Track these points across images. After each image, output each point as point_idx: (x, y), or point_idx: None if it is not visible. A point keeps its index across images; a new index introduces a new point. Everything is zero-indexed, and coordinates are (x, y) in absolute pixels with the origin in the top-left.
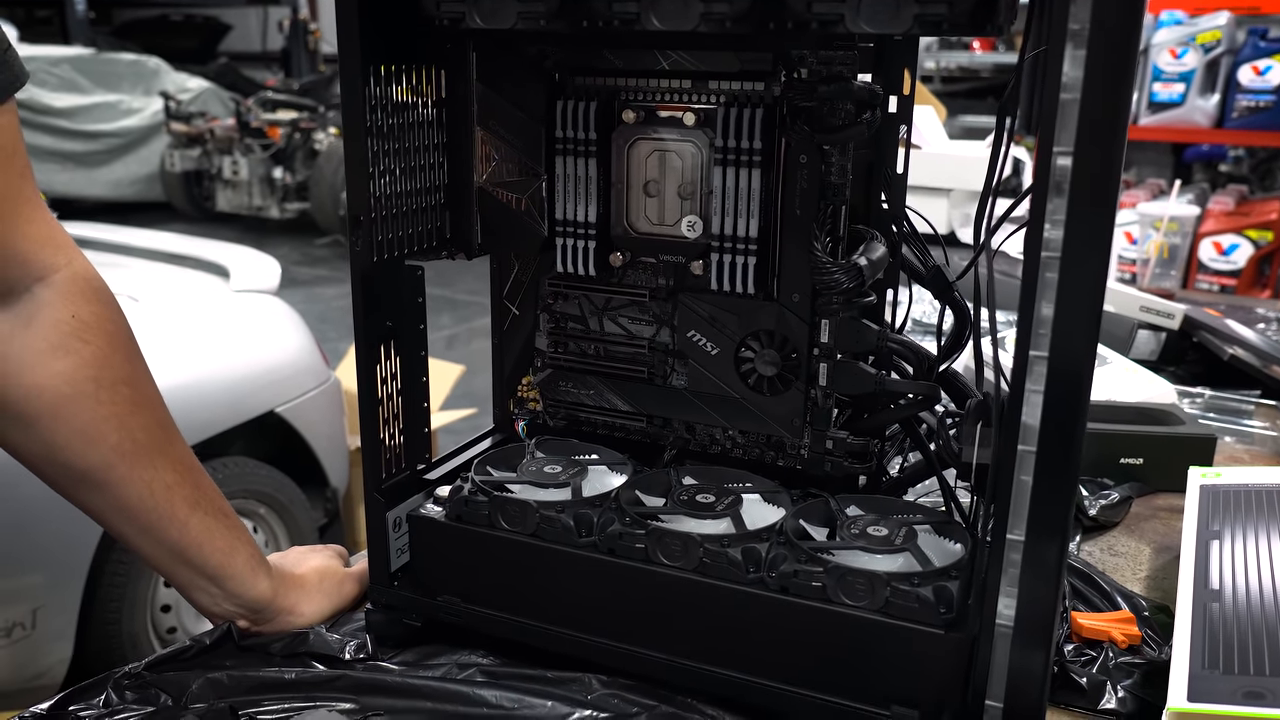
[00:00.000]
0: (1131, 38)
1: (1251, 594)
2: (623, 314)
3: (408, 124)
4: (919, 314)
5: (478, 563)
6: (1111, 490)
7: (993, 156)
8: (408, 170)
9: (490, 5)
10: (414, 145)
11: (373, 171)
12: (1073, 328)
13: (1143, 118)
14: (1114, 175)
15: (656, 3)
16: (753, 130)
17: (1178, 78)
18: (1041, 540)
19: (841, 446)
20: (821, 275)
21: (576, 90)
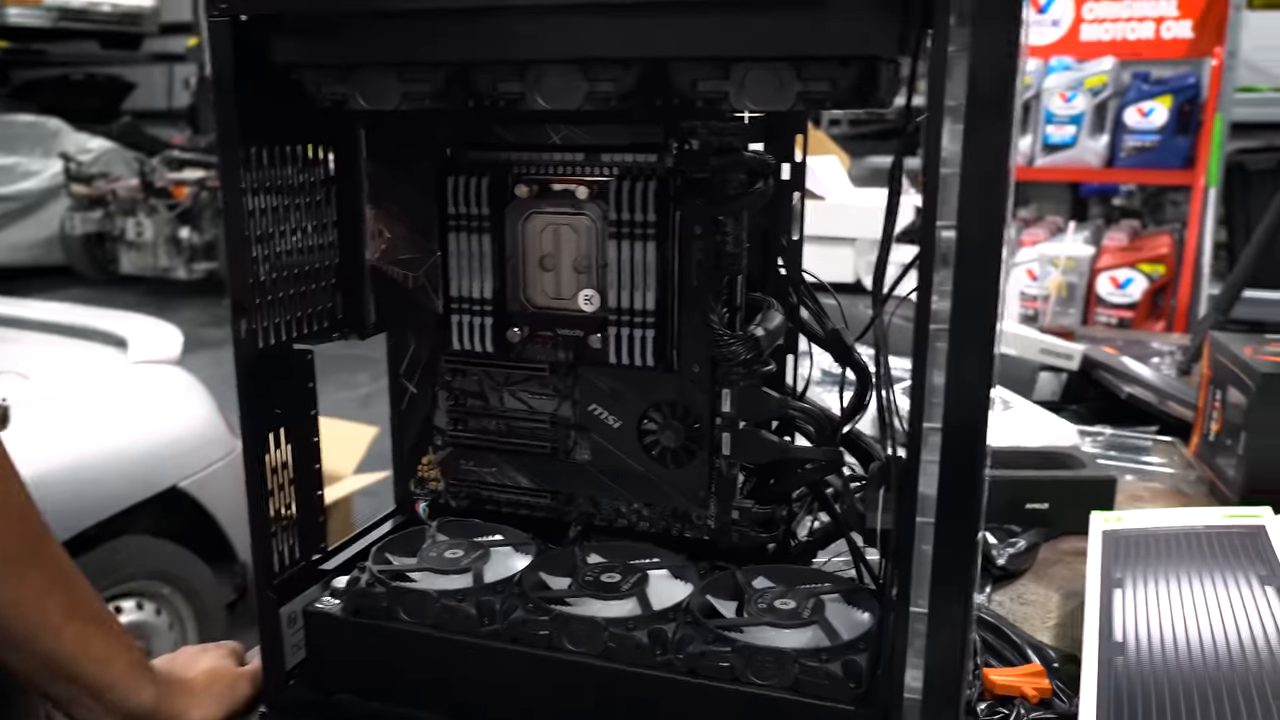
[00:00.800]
0: (1008, 110)
1: (1154, 646)
2: (523, 389)
3: (294, 205)
4: (826, 363)
5: (377, 657)
6: (1018, 538)
7: (887, 219)
8: (295, 251)
9: (374, 87)
10: (301, 225)
11: (255, 255)
12: (965, 396)
13: (1038, 159)
14: (997, 245)
15: (541, 82)
16: (645, 202)
17: (1069, 120)
18: (945, 609)
19: (748, 516)
20: (720, 347)
21: (468, 165)
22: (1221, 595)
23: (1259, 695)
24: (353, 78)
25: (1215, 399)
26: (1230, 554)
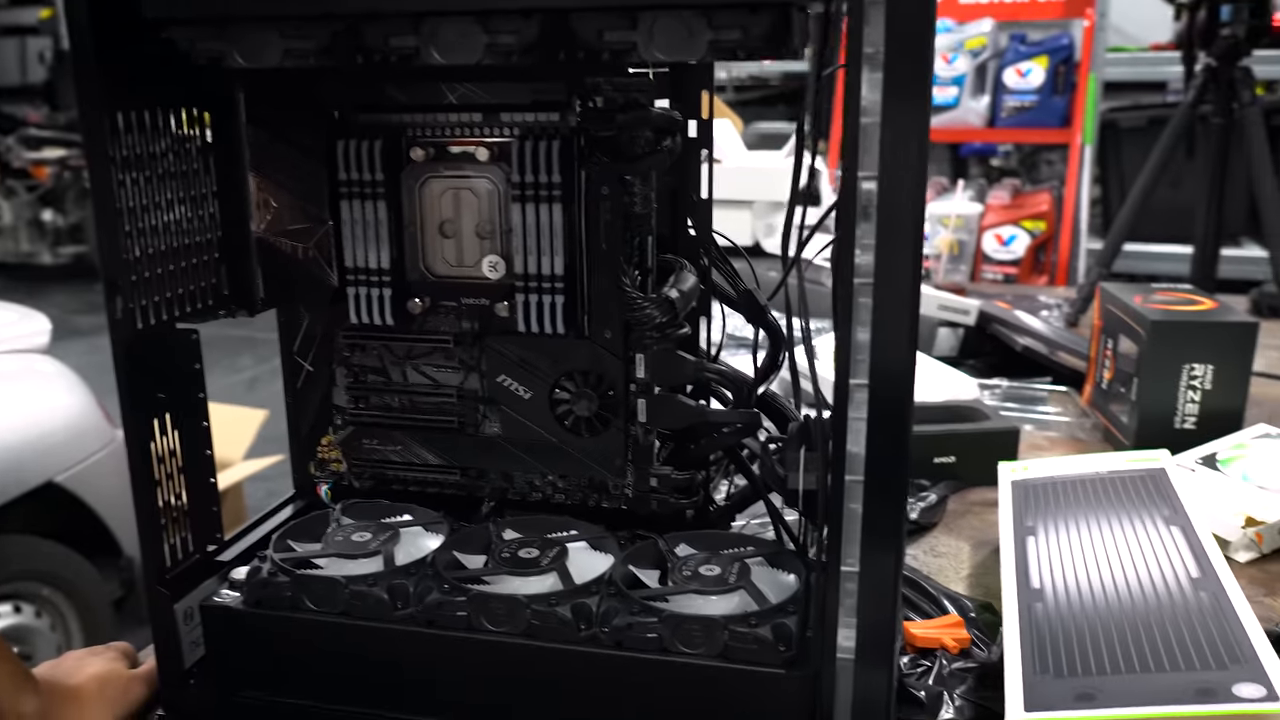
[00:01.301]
0: (926, 57)
1: (1070, 591)
2: (426, 362)
3: (169, 173)
4: (731, 328)
5: (284, 651)
6: (929, 491)
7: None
8: (173, 224)
9: (252, 43)
10: (178, 196)
11: (129, 229)
12: (891, 351)
13: None
14: (921, 195)
15: (437, 35)
16: (550, 163)
17: (951, 81)
18: (876, 568)
19: (666, 483)
20: (633, 311)
21: (359, 128)
22: (1130, 537)
23: (1174, 630)
24: (230, 33)
25: (1107, 348)
26: (1134, 497)
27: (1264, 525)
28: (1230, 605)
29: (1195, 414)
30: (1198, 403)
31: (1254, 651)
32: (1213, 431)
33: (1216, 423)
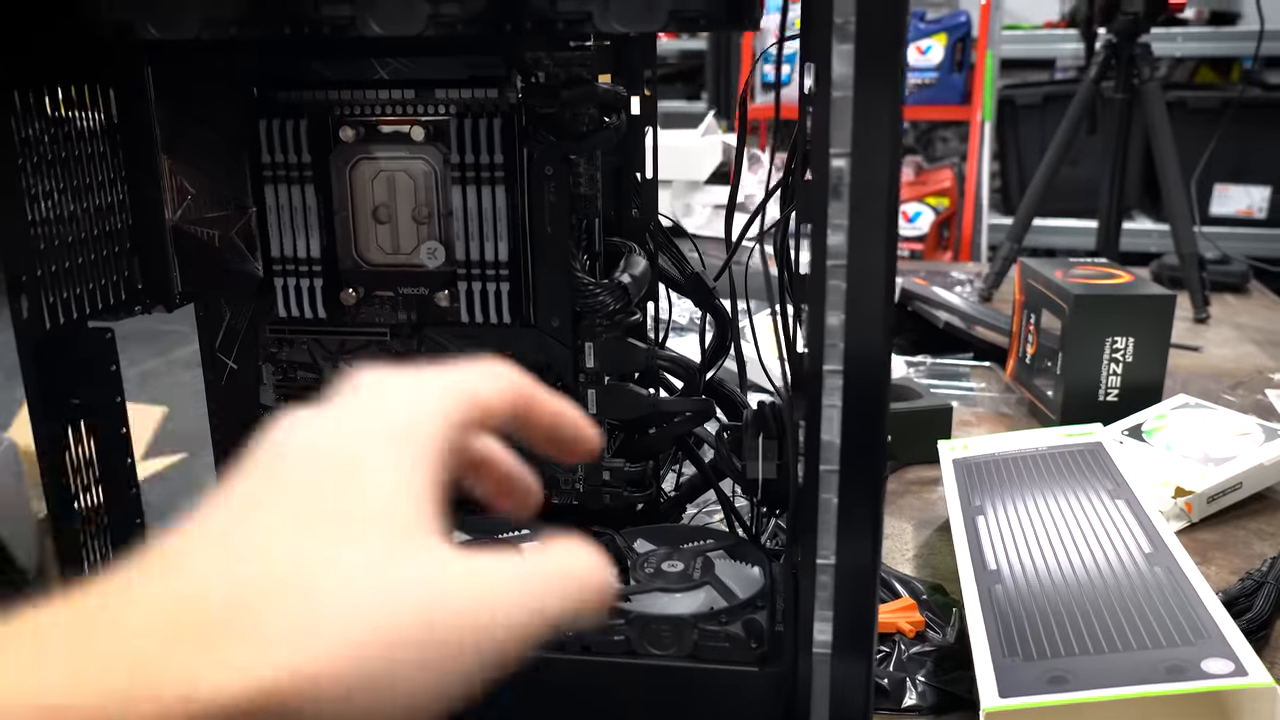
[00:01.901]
0: (900, 27)
1: (1028, 571)
2: (361, 356)
3: (72, 158)
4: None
5: None
6: None
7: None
8: (79, 214)
9: (167, 10)
10: (84, 183)
11: (33, 218)
12: (866, 335)
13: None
14: (895, 173)
15: (375, 3)
16: (491, 142)
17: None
18: (853, 559)
19: (619, 476)
20: (585, 298)
21: (281, 107)
22: (1079, 513)
23: (1135, 608)
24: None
25: (1029, 323)
26: (1076, 471)
27: (1192, 495)
28: (1186, 579)
29: (1118, 386)
30: (1120, 375)
31: (1216, 626)
32: (1135, 403)
33: (1138, 395)
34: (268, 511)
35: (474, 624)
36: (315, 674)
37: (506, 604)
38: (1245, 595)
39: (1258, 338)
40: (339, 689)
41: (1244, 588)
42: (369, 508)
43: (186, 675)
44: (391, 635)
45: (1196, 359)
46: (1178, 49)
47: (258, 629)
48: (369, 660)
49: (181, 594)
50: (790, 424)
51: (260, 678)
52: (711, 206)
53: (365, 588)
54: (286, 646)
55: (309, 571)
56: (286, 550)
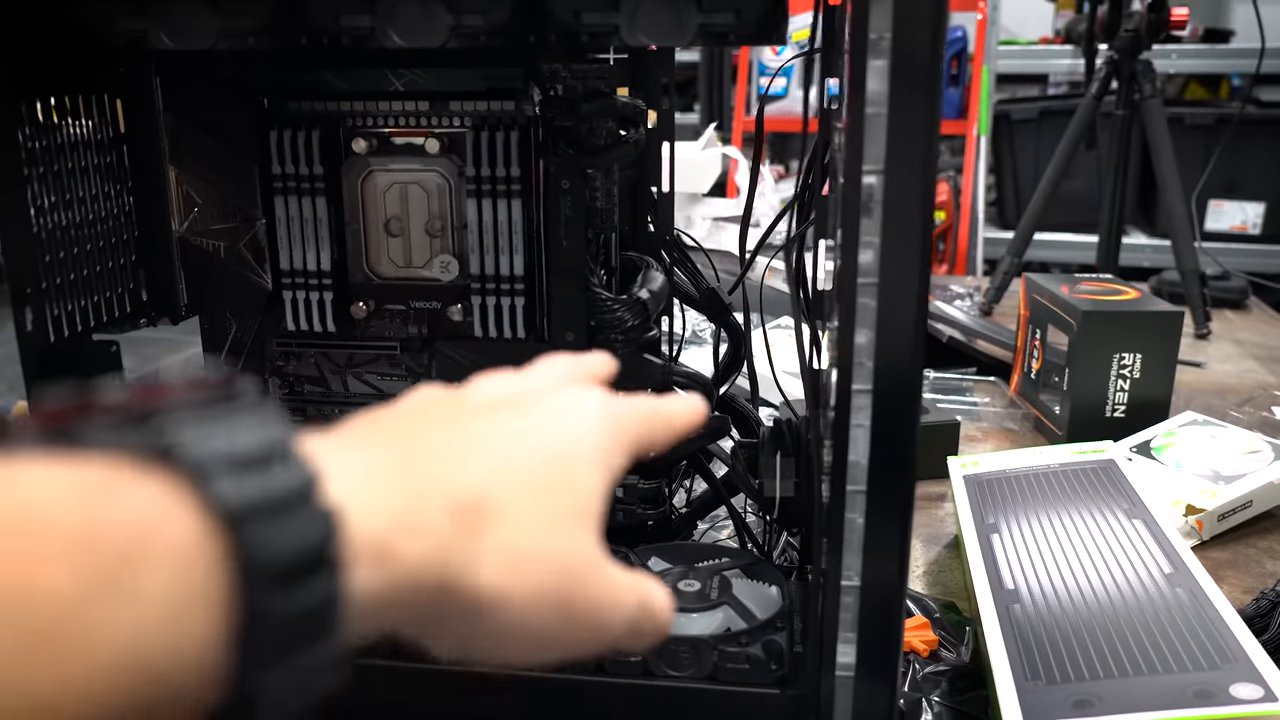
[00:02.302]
0: (938, 43)
1: (1046, 591)
2: (370, 370)
3: (80, 169)
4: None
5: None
6: None
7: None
8: (86, 224)
9: (180, 20)
10: (91, 193)
11: (38, 230)
12: (897, 355)
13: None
14: (930, 190)
15: (396, 15)
16: (508, 155)
17: (780, 72)
18: (879, 580)
19: (633, 492)
20: (603, 314)
21: (292, 118)
22: (1095, 533)
23: (1158, 630)
24: (154, 9)
25: (1035, 338)
26: (1089, 490)
27: (1204, 513)
28: (1209, 601)
29: (1125, 403)
30: (1127, 391)
31: (1243, 650)
32: (1141, 420)
33: (1145, 411)
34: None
35: (589, 623)
36: (487, 592)
37: (617, 620)
38: (1260, 615)
39: (1259, 353)
40: (490, 610)
41: (1259, 607)
42: (586, 503)
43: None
44: (544, 599)
45: (1200, 375)
46: (1172, 65)
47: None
48: (521, 609)
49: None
50: (810, 441)
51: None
52: (711, 219)
53: (563, 561)
54: (496, 565)
55: (545, 531)
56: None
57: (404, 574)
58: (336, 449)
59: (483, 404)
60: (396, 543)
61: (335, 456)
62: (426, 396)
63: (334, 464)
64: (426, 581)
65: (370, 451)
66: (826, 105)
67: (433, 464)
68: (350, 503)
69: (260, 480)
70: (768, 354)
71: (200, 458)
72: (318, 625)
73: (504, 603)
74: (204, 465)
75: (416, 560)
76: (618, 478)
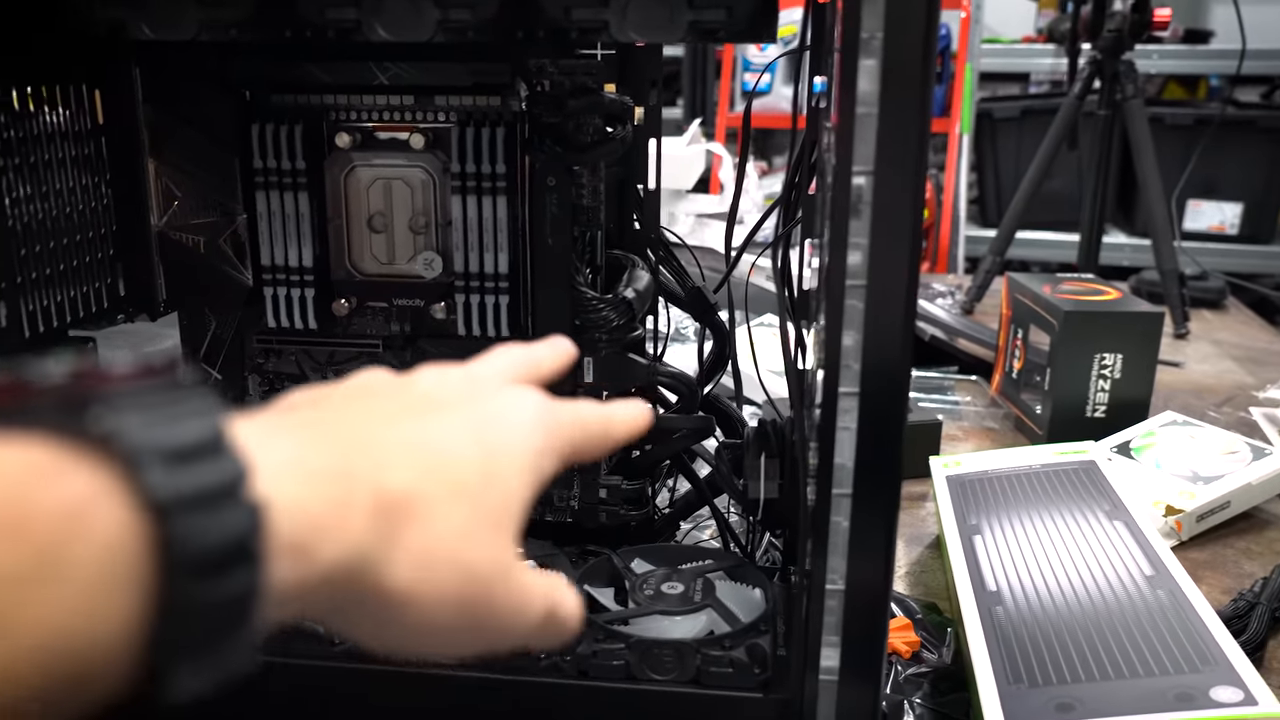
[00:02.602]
0: (930, 43)
1: (1029, 593)
2: (351, 368)
3: (57, 161)
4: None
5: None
6: None
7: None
8: (63, 217)
9: (162, 10)
10: (68, 186)
11: (12, 223)
12: (884, 357)
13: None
14: (920, 192)
15: (382, 8)
16: (493, 151)
17: (765, 69)
18: (864, 583)
19: (616, 493)
20: (588, 313)
21: (274, 111)
22: (1077, 534)
23: (1139, 633)
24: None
25: (1017, 337)
26: (1071, 491)
27: (1183, 513)
28: (1189, 603)
29: (1105, 403)
30: (1108, 391)
31: (1222, 652)
32: (1122, 420)
33: (1125, 411)
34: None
35: (494, 626)
36: (394, 583)
37: (522, 624)
38: (1239, 616)
39: (1236, 354)
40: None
41: (1237, 608)
42: (508, 509)
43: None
44: (451, 602)
45: (1178, 375)
46: (1154, 66)
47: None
48: (428, 599)
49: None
50: (795, 442)
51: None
52: (695, 215)
53: (475, 567)
54: (409, 566)
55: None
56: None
57: (321, 569)
58: (270, 438)
59: (423, 398)
60: (317, 540)
61: (267, 448)
62: (371, 381)
63: (265, 456)
64: (341, 577)
65: (303, 443)
66: (815, 103)
67: (364, 459)
68: (278, 498)
69: (192, 473)
70: (752, 352)
71: (136, 447)
72: (235, 616)
73: (413, 603)
74: (139, 455)
75: (334, 557)
76: (545, 482)
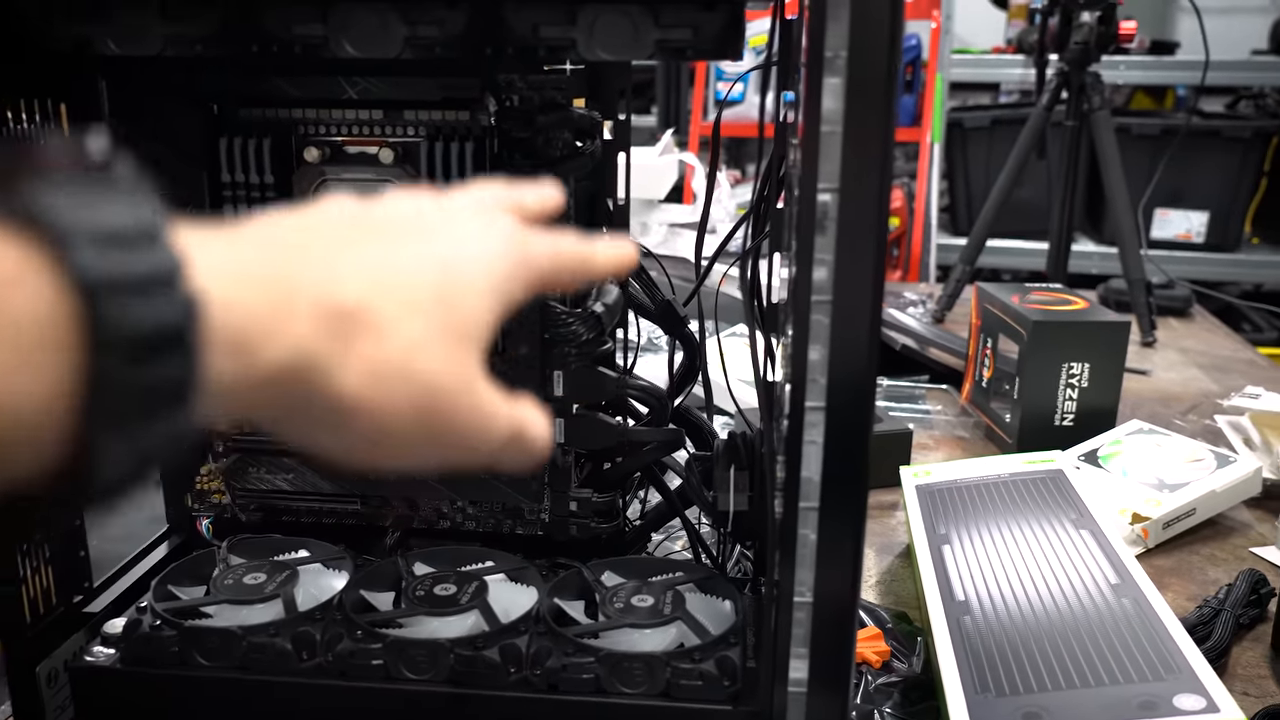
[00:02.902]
0: (894, 61)
1: (996, 603)
2: None
3: None
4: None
5: (171, 714)
6: None
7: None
8: None
9: (128, 26)
10: None
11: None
12: (851, 372)
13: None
14: (884, 208)
15: (349, 25)
16: (462, 166)
17: (738, 78)
18: (832, 596)
19: (587, 506)
20: (558, 328)
21: (242, 125)
22: (1044, 543)
23: (1105, 642)
24: (101, 14)
25: (986, 346)
26: (1039, 500)
27: (1149, 521)
28: (1154, 612)
29: (1073, 411)
30: (1075, 400)
31: (1186, 660)
32: (1089, 428)
33: (1093, 419)
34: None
35: (455, 441)
36: (343, 387)
37: (486, 441)
38: (1204, 623)
39: (1202, 361)
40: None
41: (1202, 615)
42: (468, 328)
43: None
44: (405, 413)
45: (1145, 383)
46: (1120, 76)
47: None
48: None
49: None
50: (764, 455)
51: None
52: (668, 225)
53: (432, 379)
54: (360, 373)
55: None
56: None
57: (263, 368)
58: (212, 242)
59: (385, 221)
60: (258, 338)
61: (207, 249)
62: (334, 207)
63: (204, 256)
64: (285, 378)
65: (247, 249)
66: (782, 118)
67: (310, 271)
68: (216, 294)
69: (124, 257)
70: (722, 363)
71: (65, 226)
72: (165, 401)
73: (364, 409)
74: (68, 234)
75: (278, 358)
76: (512, 309)
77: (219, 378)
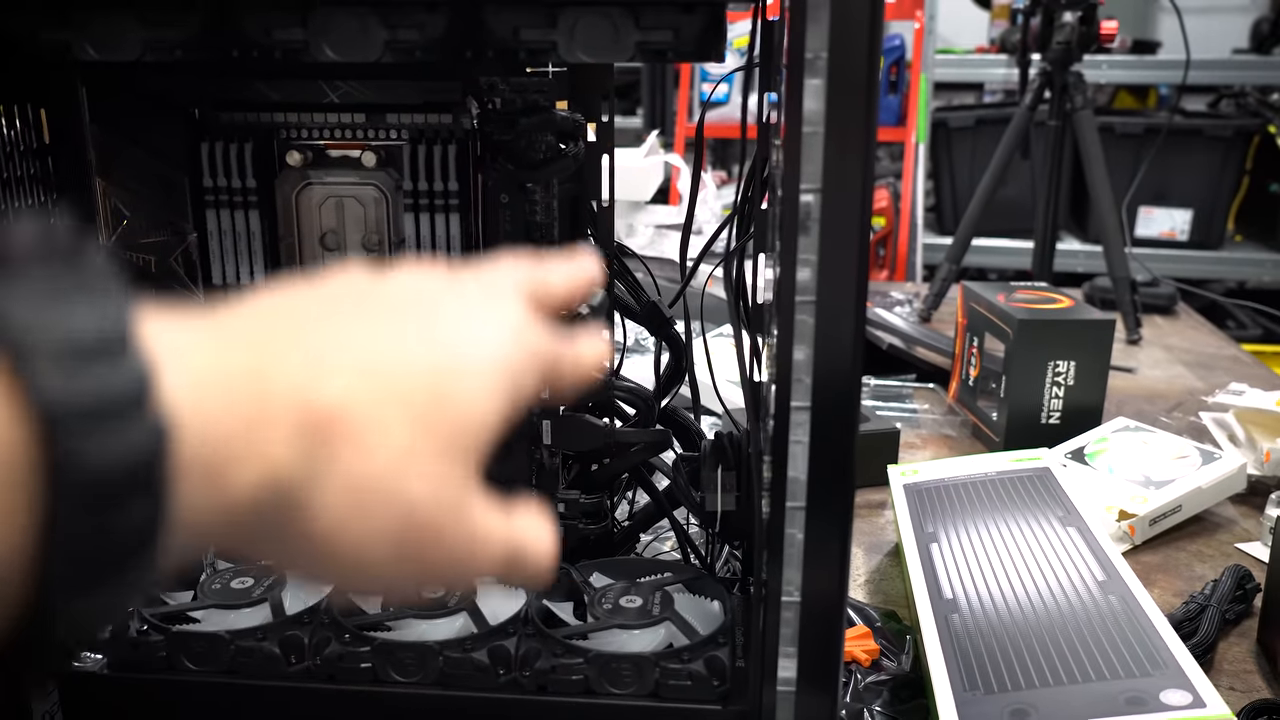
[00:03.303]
0: (874, 62)
1: (984, 601)
2: None
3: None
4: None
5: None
6: None
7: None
8: None
9: (106, 31)
10: (12, 205)
11: None
12: (835, 372)
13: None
14: (867, 207)
15: (329, 30)
16: (445, 169)
17: (723, 79)
18: (819, 595)
19: (575, 507)
20: None
21: (224, 129)
22: (1031, 541)
23: (1092, 638)
24: (78, 20)
25: (972, 345)
26: (1026, 497)
27: (1136, 518)
28: (1140, 608)
29: (1060, 409)
30: (1061, 398)
31: (1172, 656)
32: (1076, 425)
33: (1079, 417)
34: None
35: (440, 570)
36: (321, 501)
37: (477, 568)
38: (1190, 618)
39: (1186, 359)
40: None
41: (1188, 611)
42: (465, 433)
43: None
44: (385, 541)
45: (1131, 380)
46: (1103, 76)
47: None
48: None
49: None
50: (751, 455)
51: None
52: (654, 227)
53: (415, 503)
54: (338, 495)
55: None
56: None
57: (233, 494)
58: (185, 339)
59: (385, 299)
60: (231, 463)
61: (180, 351)
62: (340, 282)
63: (176, 361)
64: (257, 504)
65: (223, 345)
66: (765, 119)
67: (289, 368)
68: (187, 412)
69: (89, 374)
70: (708, 363)
71: (27, 341)
72: (133, 550)
73: (341, 539)
74: (29, 350)
75: (251, 483)
76: (523, 402)
77: (190, 509)
